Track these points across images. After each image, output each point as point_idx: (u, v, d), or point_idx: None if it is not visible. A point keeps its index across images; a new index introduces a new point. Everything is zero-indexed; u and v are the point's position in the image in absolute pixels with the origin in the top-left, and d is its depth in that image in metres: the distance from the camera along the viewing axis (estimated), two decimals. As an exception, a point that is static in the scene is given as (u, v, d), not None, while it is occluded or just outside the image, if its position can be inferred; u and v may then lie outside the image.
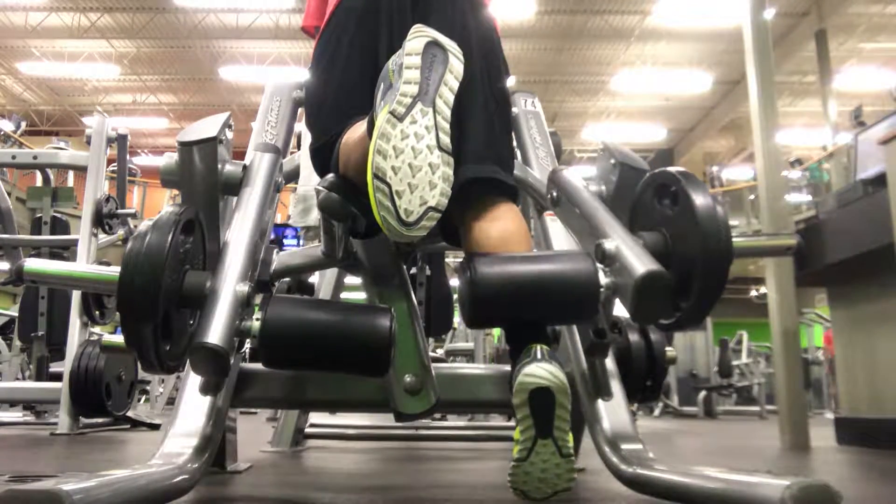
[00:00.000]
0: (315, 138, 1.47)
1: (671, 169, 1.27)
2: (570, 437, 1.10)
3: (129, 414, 3.60)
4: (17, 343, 4.87)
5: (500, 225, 1.30)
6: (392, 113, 1.12)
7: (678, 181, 1.23)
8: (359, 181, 1.28)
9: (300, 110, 1.87)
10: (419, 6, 1.42)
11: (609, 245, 1.17)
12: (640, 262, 1.11)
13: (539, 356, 1.09)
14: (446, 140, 1.14)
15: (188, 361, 1.16)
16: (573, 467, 1.10)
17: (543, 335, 1.18)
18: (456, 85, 1.18)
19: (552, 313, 1.24)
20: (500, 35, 1.54)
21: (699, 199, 1.18)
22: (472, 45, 1.35)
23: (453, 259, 6.65)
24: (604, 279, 1.16)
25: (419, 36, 1.19)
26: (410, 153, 1.10)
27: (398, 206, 1.09)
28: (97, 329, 4.09)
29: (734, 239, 1.19)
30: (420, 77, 1.15)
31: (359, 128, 1.29)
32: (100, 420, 3.48)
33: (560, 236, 1.69)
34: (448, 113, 1.16)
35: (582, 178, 1.46)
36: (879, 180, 2.81)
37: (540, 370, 1.06)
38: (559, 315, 1.31)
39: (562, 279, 1.16)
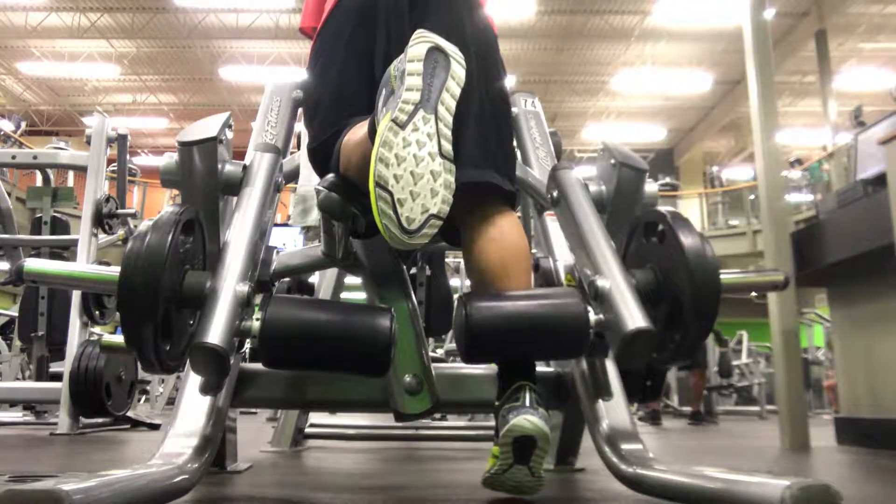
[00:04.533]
0: (312, 138, 1.47)
1: (661, 209, 1.31)
2: (544, 461, 1.19)
3: (129, 414, 3.60)
4: (17, 343, 4.86)
5: (499, 245, 1.32)
6: (394, 121, 1.11)
7: (666, 220, 1.26)
8: (359, 182, 1.28)
9: (300, 110, 1.87)
10: (416, 7, 1.42)
11: (602, 284, 1.21)
12: (630, 317, 1.15)
13: (528, 403, 1.16)
14: (448, 147, 1.14)
15: (188, 361, 1.16)
16: (541, 482, 1.20)
17: (532, 374, 1.25)
18: (458, 91, 1.18)
19: (543, 351, 1.35)
20: (497, 35, 1.53)
21: (687, 238, 1.21)
22: (468, 46, 1.35)
23: (453, 259, 6.65)
24: (593, 316, 1.21)
25: (421, 41, 1.19)
26: (412, 161, 1.10)
27: (400, 215, 1.09)
28: (97, 329, 4.08)
29: (723, 275, 1.22)
30: (422, 83, 1.14)
31: (358, 129, 1.29)
32: (100, 420, 3.47)
33: (560, 236, 1.69)
34: (450, 119, 1.15)
35: (582, 178, 1.45)
36: (879, 180, 2.81)
37: (526, 423, 1.13)
38: (549, 353, 1.43)
39: (553, 319, 1.23)
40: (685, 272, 1.19)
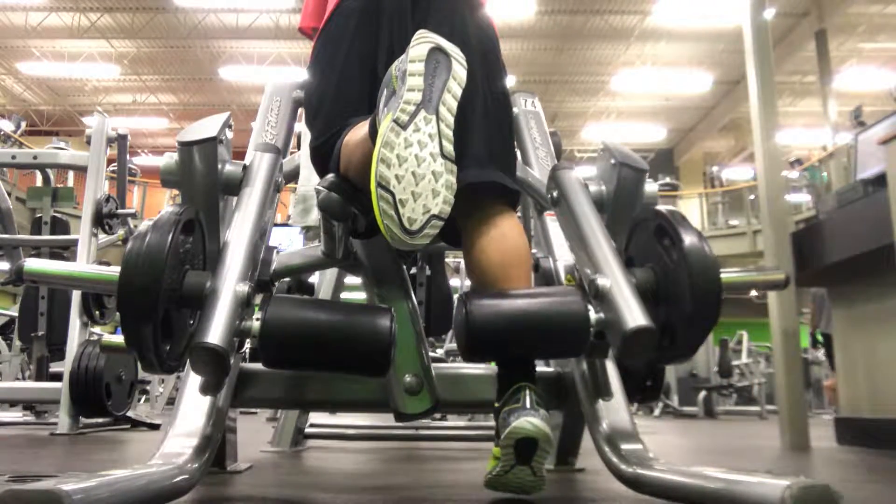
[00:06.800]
0: (314, 137, 1.47)
1: (661, 208, 1.30)
2: (545, 462, 1.19)
3: (129, 414, 3.59)
4: (17, 343, 4.86)
5: (500, 246, 1.33)
6: (396, 121, 1.12)
7: (666, 218, 1.26)
8: (359, 182, 1.28)
9: (300, 110, 1.87)
10: (419, 7, 1.42)
11: (602, 282, 1.21)
12: (630, 314, 1.15)
13: (528, 405, 1.16)
14: (449, 148, 1.14)
15: (188, 361, 1.16)
16: (544, 481, 1.20)
17: (531, 374, 1.25)
18: (459, 91, 1.18)
19: (544, 350, 1.34)
20: (498, 35, 1.54)
21: (687, 237, 1.20)
22: (471, 46, 1.35)
23: (453, 259, 6.65)
24: (594, 315, 1.20)
25: (422, 42, 1.19)
26: (414, 161, 1.10)
27: (402, 215, 1.09)
28: (97, 329, 4.09)
29: (724, 274, 1.21)
30: (423, 84, 1.15)
31: (359, 129, 1.29)
32: (100, 420, 3.47)
33: (560, 236, 1.69)
34: (451, 120, 1.16)
35: (582, 178, 1.46)
36: (879, 180, 2.81)
37: (528, 424, 1.13)
38: (550, 352, 1.43)
39: (553, 317, 1.22)
40: (685, 271, 1.19)
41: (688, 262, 1.18)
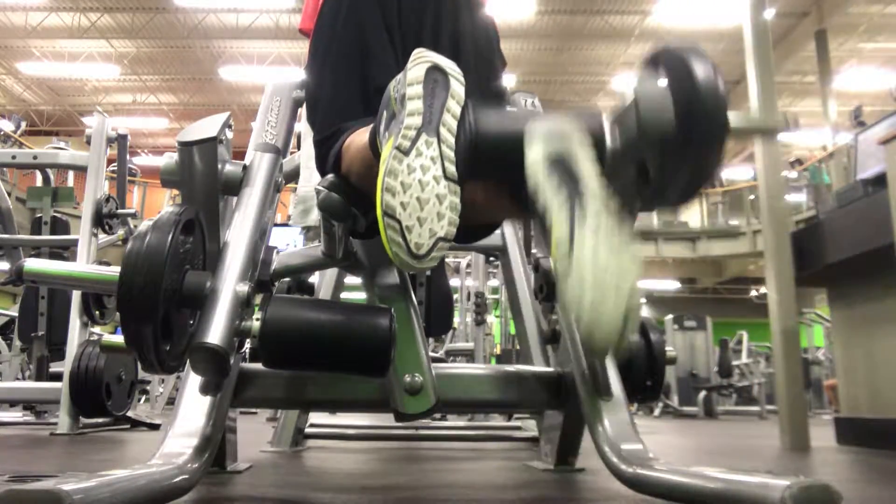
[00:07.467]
0: (316, 132, 1.48)
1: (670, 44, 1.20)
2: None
3: (129, 414, 3.59)
4: (17, 343, 4.87)
5: None
6: (398, 148, 1.11)
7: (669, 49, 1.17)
8: (361, 188, 1.29)
9: (300, 110, 1.87)
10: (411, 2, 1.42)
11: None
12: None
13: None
14: (452, 169, 1.14)
15: (188, 361, 1.16)
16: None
17: None
18: (458, 110, 1.17)
19: None
20: (498, 34, 1.54)
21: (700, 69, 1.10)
22: (465, 44, 1.35)
23: (453, 259, 6.66)
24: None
25: (420, 62, 1.18)
26: (418, 187, 1.10)
27: (409, 241, 1.09)
28: (97, 329, 4.09)
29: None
30: (423, 106, 1.14)
31: (359, 136, 1.29)
32: (100, 420, 3.47)
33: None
34: (452, 140, 1.15)
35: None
36: (879, 180, 2.81)
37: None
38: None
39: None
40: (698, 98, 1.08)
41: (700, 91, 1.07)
